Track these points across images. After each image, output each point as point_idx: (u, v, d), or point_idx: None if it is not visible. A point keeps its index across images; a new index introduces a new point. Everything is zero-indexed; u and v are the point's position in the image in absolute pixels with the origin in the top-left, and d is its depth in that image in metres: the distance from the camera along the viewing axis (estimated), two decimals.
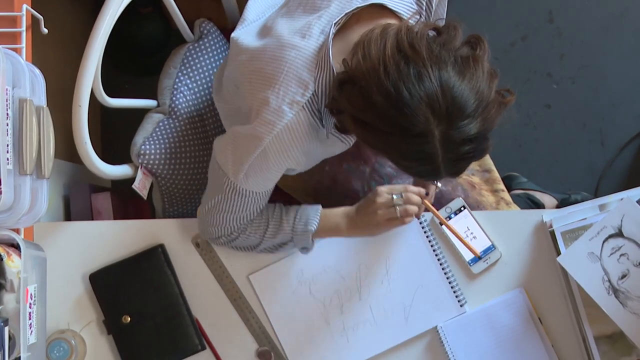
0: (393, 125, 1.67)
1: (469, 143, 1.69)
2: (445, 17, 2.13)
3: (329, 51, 1.86)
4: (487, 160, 2.60)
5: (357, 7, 1.90)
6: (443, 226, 2.28)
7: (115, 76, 3.24)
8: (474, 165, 2.56)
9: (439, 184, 2.29)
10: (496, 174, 2.59)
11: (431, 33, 1.74)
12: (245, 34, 2.08)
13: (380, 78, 1.66)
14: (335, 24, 1.89)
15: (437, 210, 2.27)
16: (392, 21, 1.90)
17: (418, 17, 1.98)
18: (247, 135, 1.93)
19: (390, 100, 1.65)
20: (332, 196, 2.47)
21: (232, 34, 2.11)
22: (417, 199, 2.09)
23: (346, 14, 1.90)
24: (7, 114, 1.87)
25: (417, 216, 2.12)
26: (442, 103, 1.63)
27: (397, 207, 2.07)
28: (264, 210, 2.14)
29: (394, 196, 2.08)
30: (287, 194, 2.56)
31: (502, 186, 2.57)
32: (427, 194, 2.19)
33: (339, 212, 2.18)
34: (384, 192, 2.10)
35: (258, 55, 1.97)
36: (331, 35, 1.88)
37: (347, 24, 1.92)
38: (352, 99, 1.73)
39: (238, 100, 2.07)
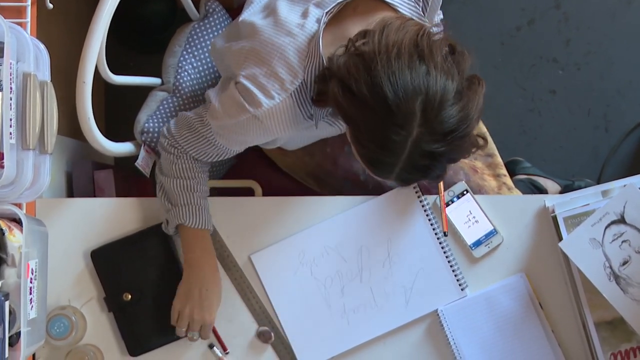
0: (380, 103, 1.67)
1: (432, 159, 1.72)
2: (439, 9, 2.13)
3: (320, 40, 1.87)
4: (490, 144, 2.59)
5: None
6: (446, 209, 2.28)
7: (120, 54, 3.24)
8: None
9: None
10: (499, 159, 2.58)
11: (447, 48, 1.75)
12: (250, 15, 2.08)
13: (390, 58, 1.67)
14: (327, 12, 1.89)
15: (431, 193, 2.28)
16: (389, 14, 1.90)
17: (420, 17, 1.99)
18: (235, 100, 1.95)
19: (390, 78, 1.66)
20: (333, 178, 2.48)
21: (240, 19, 2.10)
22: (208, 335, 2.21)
23: (339, 3, 1.90)
24: (11, 88, 1.87)
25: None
26: (435, 108, 1.65)
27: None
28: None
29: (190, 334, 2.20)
30: (288, 175, 2.55)
31: (504, 171, 2.57)
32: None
33: (198, 250, 2.23)
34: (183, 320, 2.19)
35: (256, 35, 1.97)
36: (322, 25, 1.88)
37: (341, 13, 1.92)
38: (351, 66, 1.73)
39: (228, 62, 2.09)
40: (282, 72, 1.90)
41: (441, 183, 2.26)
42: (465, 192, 2.29)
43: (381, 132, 1.69)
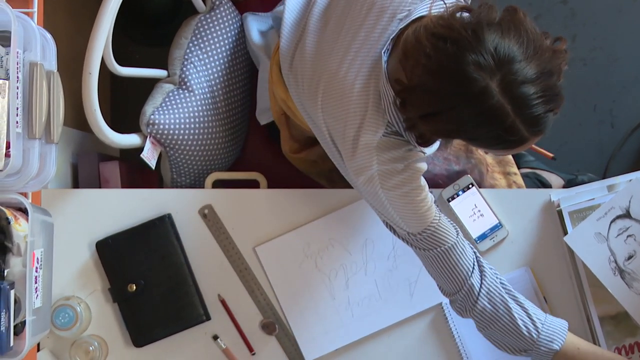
0: (452, 98, 1.68)
1: (532, 84, 1.66)
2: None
3: (386, 77, 1.87)
4: None
5: (400, 29, 1.89)
6: (450, 203, 2.28)
7: (127, 46, 3.24)
8: None
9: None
10: (509, 156, 2.58)
11: (460, 13, 1.74)
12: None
13: (425, 65, 1.68)
14: (384, 52, 1.89)
15: (445, 187, 2.28)
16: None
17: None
18: (366, 186, 1.97)
19: (440, 77, 1.67)
20: (346, 180, 2.48)
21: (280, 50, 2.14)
22: None
23: (392, 39, 1.90)
24: (18, 77, 1.87)
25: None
26: (486, 57, 1.63)
27: None
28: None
29: None
30: (293, 167, 2.55)
31: (514, 169, 2.56)
32: None
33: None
34: None
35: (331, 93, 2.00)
36: (384, 64, 1.88)
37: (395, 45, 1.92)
38: (414, 104, 1.76)
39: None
40: (371, 125, 1.92)
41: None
42: (470, 186, 2.29)
43: (476, 115, 1.68)
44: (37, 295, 1.99)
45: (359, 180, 1.94)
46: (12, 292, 1.90)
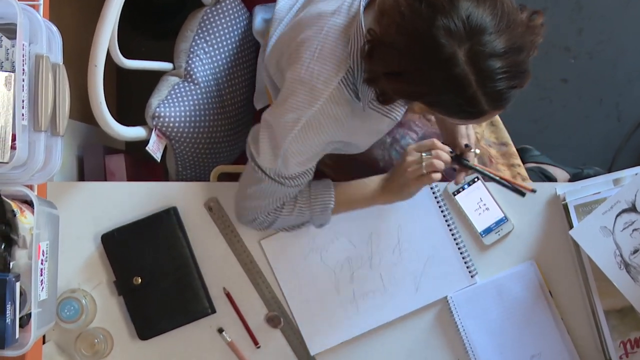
0: (419, 60, 1.67)
1: (498, 59, 1.65)
2: None
3: (361, 24, 1.87)
4: (504, 133, 2.58)
5: None
6: (456, 197, 2.28)
7: (133, 39, 3.24)
8: (490, 137, 2.55)
9: (477, 150, 2.25)
10: (513, 148, 2.58)
11: None
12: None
13: (399, 23, 1.68)
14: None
15: (449, 181, 2.27)
16: None
17: None
18: (282, 118, 1.95)
19: (410, 38, 1.67)
20: (352, 164, 2.47)
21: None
22: (444, 155, 2.07)
23: None
24: (23, 70, 1.87)
25: (443, 173, 2.09)
26: (457, 24, 1.62)
27: (423, 163, 2.07)
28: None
29: (423, 154, 2.08)
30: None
31: (518, 161, 2.56)
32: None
33: (361, 183, 2.20)
34: (413, 149, 2.10)
35: (292, 33, 2.01)
36: (362, 9, 1.88)
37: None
38: (381, 58, 1.75)
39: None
40: (326, 63, 1.91)
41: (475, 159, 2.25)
42: (476, 179, 2.29)
43: (439, 80, 1.68)
44: (43, 288, 1.99)
45: (287, 117, 1.96)
46: (18, 284, 1.90)
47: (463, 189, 2.29)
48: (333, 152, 2.13)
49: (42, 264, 1.98)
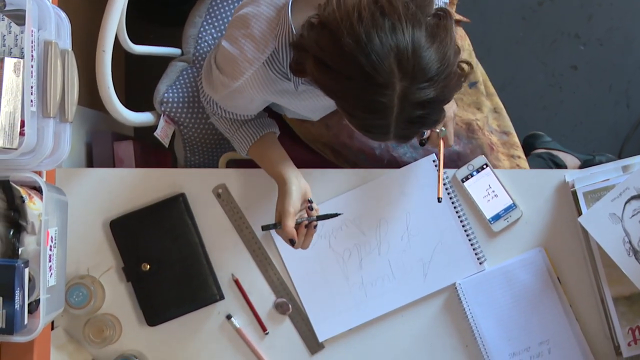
0: (357, 71, 1.65)
1: (425, 107, 1.68)
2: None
3: (288, 8, 1.87)
4: (507, 122, 2.58)
5: None
6: (464, 183, 2.28)
7: (141, 26, 3.22)
8: (492, 123, 2.55)
9: (443, 129, 2.26)
10: (515, 138, 2.57)
11: None
12: None
13: (353, 23, 1.65)
14: None
15: (459, 167, 2.27)
16: None
17: None
18: (218, 76, 2.01)
19: (360, 45, 1.63)
20: (348, 150, 2.47)
21: None
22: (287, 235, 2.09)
23: None
24: (32, 56, 1.87)
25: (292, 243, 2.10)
26: (410, 59, 1.62)
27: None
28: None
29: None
30: (306, 148, 2.55)
31: (519, 152, 2.55)
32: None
33: (281, 163, 2.19)
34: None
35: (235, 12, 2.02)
36: None
37: None
38: (320, 40, 1.72)
39: None
40: (254, 42, 1.93)
41: (441, 142, 2.26)
42: (484, 166, 2.29)
43: (366, 97, 1.68)
44: (51, 274, 2.00)
45: (219, 79, 2.02)
46: (27, 270, 1.91)
47: (472, 176, 2.29)
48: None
49: (50, 250, 1.98)
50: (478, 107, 2.51)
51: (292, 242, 2.06)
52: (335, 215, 2.13)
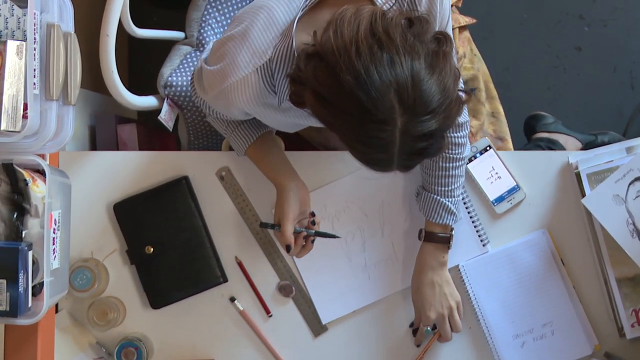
0: (356, 107, 1.62)
1: (427, 139, 1.66)
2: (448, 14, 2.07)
3: (294, 24, 1.84)
4: (504, 127, 2.59)
5: None
6: (468, 165, 2.27)
7: (144, 9, 3.22)
8: (488, 128, 2.54)
9: (428, 328, 2.28)
10: (509, 145, 2.57)
11: (404, 22, 1.68)
12: None
13: (352, 58, 1.61)
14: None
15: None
16: (364, 3, 1.83)
17: (392, 2, 1.92)
18: (208, 75, 1.98)
19: (359, 82, 1.60)
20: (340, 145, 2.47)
21: None
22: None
23: None
24: (35, 39, 1.87)
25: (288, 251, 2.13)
26: (410, 93, 1.59)
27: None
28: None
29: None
30: (302, 139, 2.54)
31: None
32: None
33: (282, 167, 2.22)
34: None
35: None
36: (301, 12, 1.86)
37: (321, 2, 1.88)
38: (318, 74, 1.68)
39: None
40: (252, 46, 1.89)
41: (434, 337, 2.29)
42: (488, 148, 2.28)
43: (367, 133, 1.65)
44: (55, 257, 2.00)
45: (207, 78, 1.99)
46: (30, 253, 1.91)
47: (475, 158, 2.29)
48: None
49: (54, 232, 1.99)
50: (474, 115, 2.50)
51: (288, 248, 2.08)
52: (334, 236, 2.16)
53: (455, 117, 1.71)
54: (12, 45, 1.87)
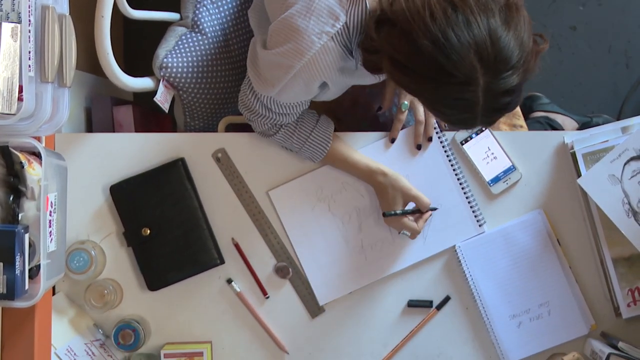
0: (437, 71, 1.63)
1: (509, 95, 1.67)
2: None
3: None
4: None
5: None
6: (463, 146, 2.27)
7: None
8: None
9: (406, 102, 2.28)
10: (517, 108, 2.57)
11: None
12: None
13: (427, 23, 1.62)
14: None
15: (458, 130, 2.28)
16: None
17: None
18: (275, 62, 1.93)
19: (438, 46, 1.61)
20: (351, 117, 2.47)
21: None
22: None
23: None
24: (30, 21, 1.86)
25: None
26: (490, 52, 1.60)
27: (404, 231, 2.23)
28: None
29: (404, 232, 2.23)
30: None
31: (521, 121, 2.55)
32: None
33: (361, 157, 2.27)
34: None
35: None
36: None
37: None
38: (394, 41, 1.69)
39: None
40: (322, 16, 1.86)
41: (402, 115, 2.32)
42: (484, 128, 2.28)
43: (450, 95, 1.67)
44: (52, 239, 2.00)
45: (279, 62, 1.94)
46: (27, 236, 1.91)
47: (471, 138, 2.29)
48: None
49: (50, 215, 1.99)
50: None
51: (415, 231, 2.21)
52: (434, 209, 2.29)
53: (534, 68, 1.71)
54: (6, 28, 1.86)
